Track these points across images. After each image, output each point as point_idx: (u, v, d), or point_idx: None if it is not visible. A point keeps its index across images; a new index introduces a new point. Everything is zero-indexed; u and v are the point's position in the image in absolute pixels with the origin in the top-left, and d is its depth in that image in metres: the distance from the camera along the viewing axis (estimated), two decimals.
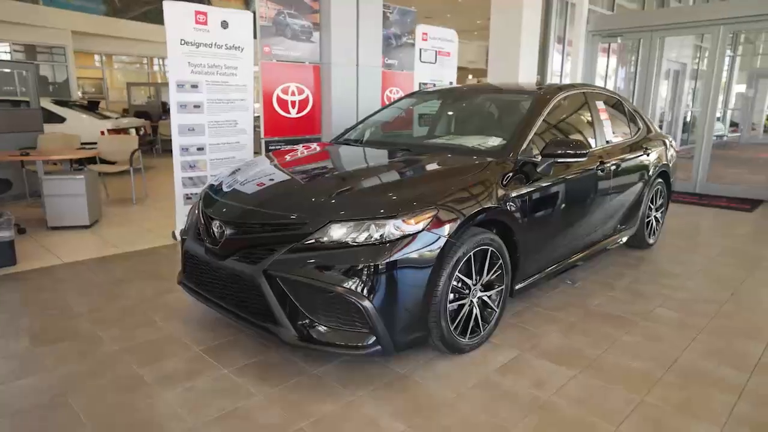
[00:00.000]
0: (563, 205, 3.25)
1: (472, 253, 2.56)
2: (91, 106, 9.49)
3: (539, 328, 3.08)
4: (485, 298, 2.75)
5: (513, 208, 2.82)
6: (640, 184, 4.21)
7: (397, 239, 2.28)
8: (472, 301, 2.66)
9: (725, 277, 4.05)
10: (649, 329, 3.09)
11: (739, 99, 16.74)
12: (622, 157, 3.92)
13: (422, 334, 2.46)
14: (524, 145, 3.05)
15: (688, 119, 12.82)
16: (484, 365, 2.63)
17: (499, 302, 2.84)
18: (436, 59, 7.19)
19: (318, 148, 3.61)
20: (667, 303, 3.49)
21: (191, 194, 4.79)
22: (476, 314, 2.69)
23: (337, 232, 2.31)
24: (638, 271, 4.16)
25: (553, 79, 8.95)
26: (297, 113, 5.52)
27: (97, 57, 15.45)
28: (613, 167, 3.76)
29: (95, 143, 7.52)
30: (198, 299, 2.87)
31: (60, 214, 5.03)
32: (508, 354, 2.75)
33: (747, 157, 12.62)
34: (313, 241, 2.32)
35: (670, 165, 4.76)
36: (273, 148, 5.41)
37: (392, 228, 2.28)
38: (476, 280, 2.65)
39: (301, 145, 3.88)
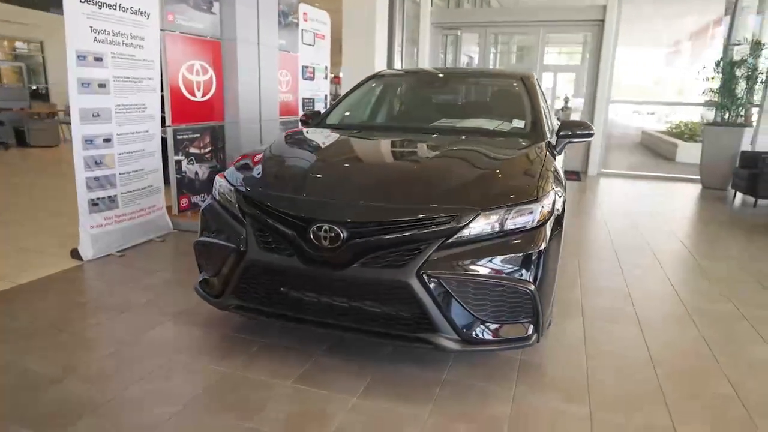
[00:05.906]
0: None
1: None
2: None
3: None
4: None
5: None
6: None
7: (544, 222, 2.22)
8: None
9: (634, 238, 4.85)
10: (648, 302, 3.41)
11: None
12: None
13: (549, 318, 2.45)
14: (546, 127, 3.21)
15: None
16: (572, 340, 2.74)
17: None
18: (315, 42, 6.87)
19: (335, 136, 3.16)
20: (627, 277, 3.79)
21: (98, 199, 3.71)
22: None
23: (489, 221, 2.13)
24: (568, 242, 4.77)
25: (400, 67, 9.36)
26: (202, 96, 4.71)
27: None
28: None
29: None
30: (271, 319, 2.34)
31: None
32: (577, 325, 2.92)
33: None
34: (468, 234, 2.09)
35: None
36: (181, 137, 4.53)
37: (539, 211, 2.21)
38: None
39: (306, 130, 3.34)
